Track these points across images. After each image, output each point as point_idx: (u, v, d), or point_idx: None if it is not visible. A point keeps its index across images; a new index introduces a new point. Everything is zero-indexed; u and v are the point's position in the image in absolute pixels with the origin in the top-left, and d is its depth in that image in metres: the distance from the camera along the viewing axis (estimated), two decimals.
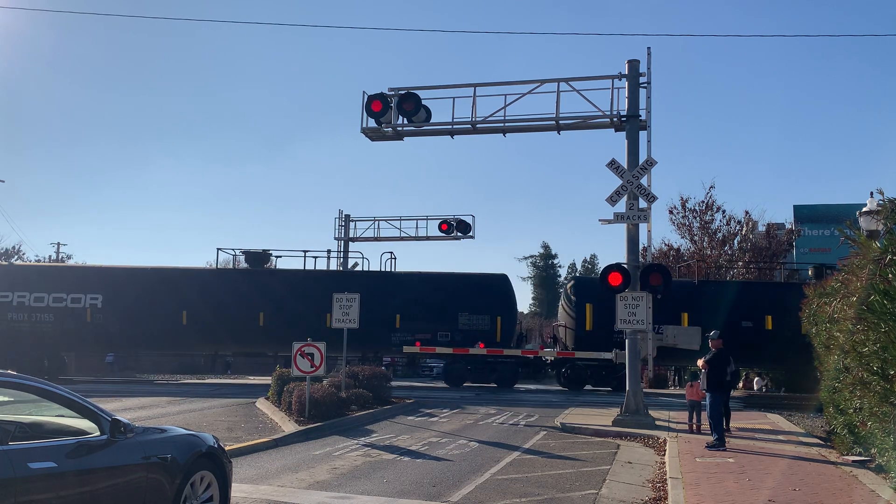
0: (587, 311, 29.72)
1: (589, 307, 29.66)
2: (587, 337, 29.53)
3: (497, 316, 31.05)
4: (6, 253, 48.99)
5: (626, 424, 16.01)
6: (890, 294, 8.07)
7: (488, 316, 31.03)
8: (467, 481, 10.06)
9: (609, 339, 26.92)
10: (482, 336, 30.51)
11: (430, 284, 32.25)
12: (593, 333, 29.17)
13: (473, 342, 30.18)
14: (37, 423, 5.73)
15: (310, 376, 15.56)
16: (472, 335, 30.63)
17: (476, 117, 18.81)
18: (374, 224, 34.92)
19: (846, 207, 37.68)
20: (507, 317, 31.65)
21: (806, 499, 8.61)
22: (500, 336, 30.92)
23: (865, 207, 13.53)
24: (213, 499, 6.63)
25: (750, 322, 28.46)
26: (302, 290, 31.14)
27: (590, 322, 29.54)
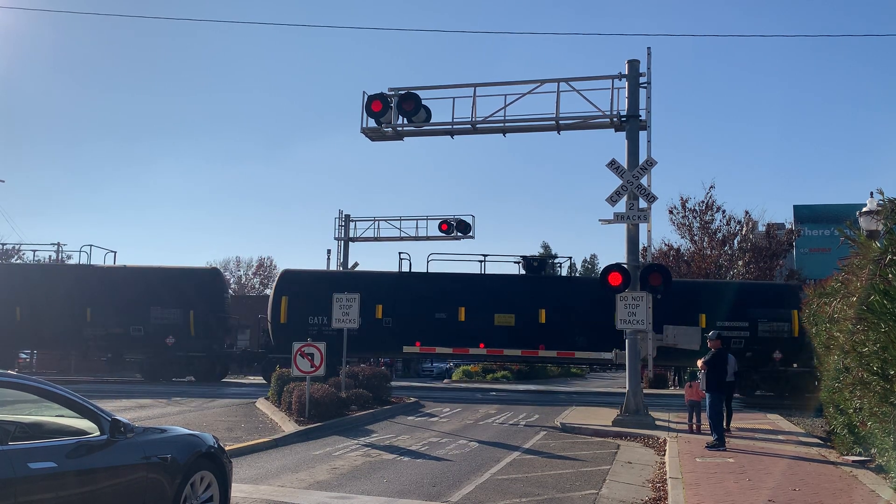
0: (283, 304, 30.14)
1: (285, 300, 30.07)
2: (282, 329, 30.00)
3: (190, 310, 31.15)
4: (6, 253, 48.97)
5: (626, 424, 16.02)
6: (890, 294, 8.07)
7: (180, 310, 31.24)
8: (467, 481, 10.06)
9: (304, 331, 27.24)
10: (173, 330, 31.01)
11: (128, 278, 32.59)
12: (288, 326, 29.61)
13: (165, 336, 30.93)
14: (37, 423, 5.73)
15: (310, 376, 15.57)
16: (164, 329, 31.04)
17: (476, 117, 18.82)
18: (374, 224, 34.94)
19: (846, 207, 37.71)
20: (203, 310, 31.57)
21: (806, 499, 8.61)
22: (193, 330, 31.16)
23: (865, 207, 13.53)
24: (213, 499, 6.63)
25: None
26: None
27: (284, 315, 29.94)
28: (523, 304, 29.40)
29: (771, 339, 27.93)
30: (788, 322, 28.02)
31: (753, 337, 28.24)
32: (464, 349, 29.41)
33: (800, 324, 27.58)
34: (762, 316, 28.48)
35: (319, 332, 29.54)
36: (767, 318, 28.38)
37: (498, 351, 29.71)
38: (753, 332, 28.33)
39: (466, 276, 31.36)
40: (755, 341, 28.05)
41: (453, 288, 30.63)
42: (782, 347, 27.57)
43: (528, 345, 29.19)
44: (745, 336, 28.21)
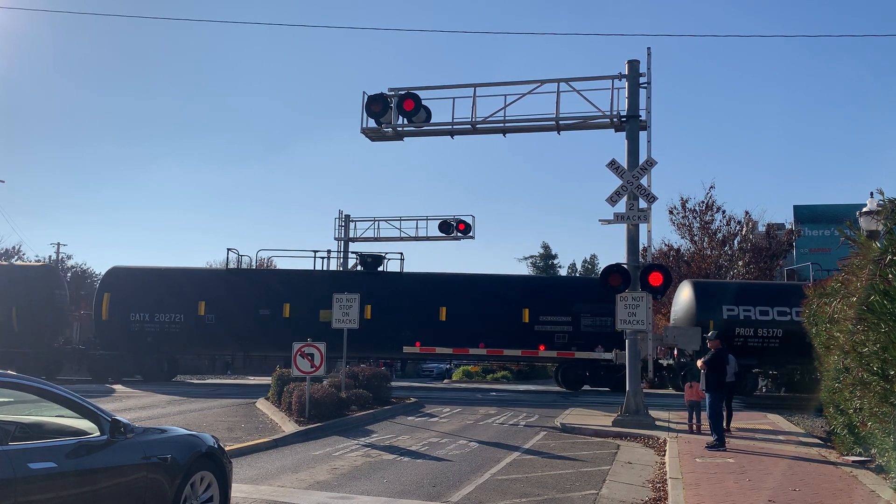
0: (104, 301, 30.06)
1: (107, 297, 29.95)
2: (103, 326, 29.86)
3: (13, 306, 30.58)
4: (6, 253, 48.99)
5: (626, 425, 16.01)
6: (890, 294, 8.07)
7: (2, 306, 30.81)
8: (467, 481, 10.06)
9: (125, 329, 27.25)
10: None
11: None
12: (109, 323, 29.51)
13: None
14: (37, 423, 5.73)
15: (310, 376, 15.57)
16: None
17: (476, 117, 18.82)
18: (374, 224, 34.93)
19: (846, 207, 37.70)
20: (30, 306, 30.78)
21: (806, 499, 8.61)
22: (16, 326, 30.66)
23: (865, 207, 13.54)
24: (213, 499, 6.63)
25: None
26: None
27: (105, 312, 29.88)
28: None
29: (594, 334, 28.64)
30: (611, 316, 28.79)
31: (577, 331, 28.94)
32: (283, 351, 28.78)
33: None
34: (586, 311, 29.12)
35: (141, 329, 29.69)
36: (591, 313, 29.00)
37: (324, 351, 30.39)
38: (577, 327, 28.98)
39: (293, 272, 31.50)
40: (579, 335, 28.79)
41: (278, 284, 30.76)
42: (605, 341, 28.19)
43: (355, 342, 29.67)
44: (567, 331, 28.94)
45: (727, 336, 29.04)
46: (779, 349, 29.06)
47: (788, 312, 29.05)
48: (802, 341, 28.13)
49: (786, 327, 28.91)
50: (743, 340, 29.25)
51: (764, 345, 29.20)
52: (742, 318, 29.63)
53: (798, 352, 27.78)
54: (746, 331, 29.43)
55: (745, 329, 29.45)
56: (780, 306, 29.36)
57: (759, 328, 29.40)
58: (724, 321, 29.24)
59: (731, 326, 29.25)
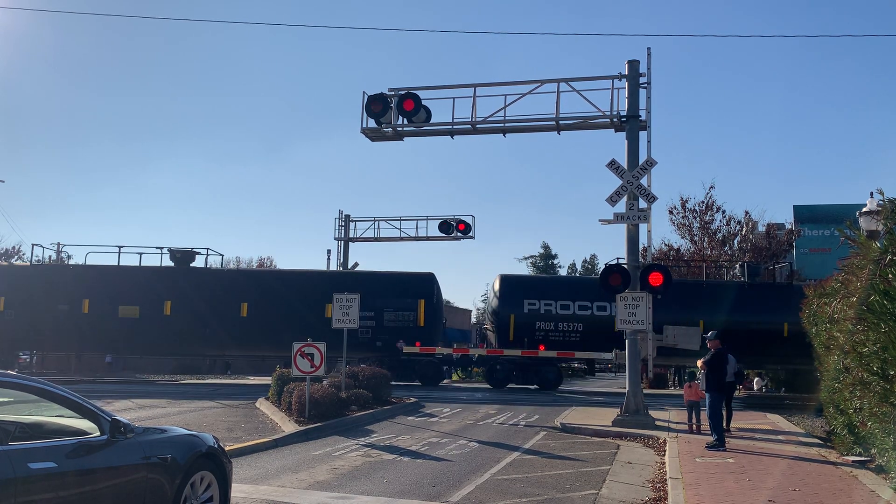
0: None
1: None
2: None
3: None
4: (6, 253, 48.99)
5: (626, 425, 16.01)
6: (890, 294, 8.07)
7: None
8: (467, 481, 10.06)
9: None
10: None
11: None
12: None
13: None
14: (37, 423, 5.73)
15: (310, 376, 15.57)
16: None
17: (476, 117, 18.82)
18: (374, 224, 34.97)
19: (846, 207, 37.65)
20: None
21: (806, 499, 8.61)
22: None
23: (865, 207, 13.53)
24: (213, 499, 6.63)
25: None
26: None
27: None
28: (149, 297, 29.78)
29: (396, 329, 28.91)
30: (414, 312, 29.12)
31: (380, 327, 29.15)
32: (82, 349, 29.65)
33: (425, 314, 29.40)
34: (388, 306, 29.39)
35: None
36: (393, 308, 29.32)
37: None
38: (380, 322, 29.15)
39: (94, 267, 31.60)
40: (382, 331, 29.01)
41: (76, 280, 30.78)
42: (407, 336, 28.57)
43: (147, 339, 29.97)
44: (371, 326, 29.11)
45: (528, 329, 29.48)
46: (579, 343, 29.51)
47: (589, 307, 29.75)
48: (602, 334, 29.13)
49: (586, 321, 29.52)
50: (544, 334, 29.78)
51: (564, 338, 29.66)
52: (543, 312, 30.09)
53: (597, 345, 29.06)
54: (547, 325, 29.94)
55: (546, 323, 29.95)
56: (581, 300, 29.89)
57: (559, 322, 29.84)
58: (525, 315, 29.82)
59: (532, 320, 29.85)
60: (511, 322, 29.83)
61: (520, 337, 29.53)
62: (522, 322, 29.70)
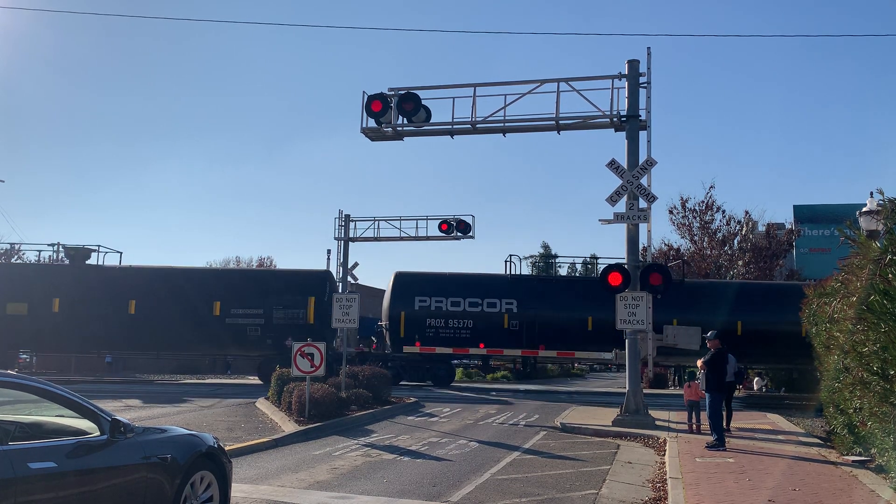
0: None
1: None
2: None
3: None
4: (6, 253, 48.93)
5: (626, 424, 16.00)
6: (890, 294, 8.07)
7: None
8: (467, 481, 10.06)
9: None
10: None
11: None
12: None
13: None
14: (37, 423, 5.72)
15: (310, 376, 15.57)
16: None
17: (476, 117, 18.80)
18: (374, 224, 34.86)
19: (846, 207, 37.71)
20: None
21: (806, 499, 8.60)
22: None
23: (865, 207, 13.53)
24: (213, 499, 6.62)
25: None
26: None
27: None
28: (38, 294, 29.74)
29: (286, 326, 28.95)
30: (303, 309, 29.33)
31: (269, 324, 29.29)
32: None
33: (315, 311, 29.54)
34: (277, 304, 29.48)
35: None
36: (283, 306, 29.39)
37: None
38: (269, 320, 29.33)
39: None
40: (271, 329, 29.13)
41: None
42: (296, 334, 28.18)
43: (34, 335, 29.97)
44: (260, 324, 29.27)
45: (419, 326, 29.58)
46: (470, 339, 29.68)
47: (480, 303, 29.94)
48: (492, 330, 29.23)
49: (476, 317, 29.76)
50: (435, 331, 29.93)
51: (455, 335, 29.83)
52: (434, 309, 30.26)
53: (490, 341, 29.51)
54: (438, 321, 30.13)
55: (437, 320, 30.15)
56: (472, 297, 30.10)
57: (450, 319, 30.05)
58: (416, 311, 30.04)
59: (423, 317, 30.07)
60: (402, 319, 30.06)
61: (411, 334, 29.74)
62: (413, 319, 29.94)
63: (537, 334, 29.34)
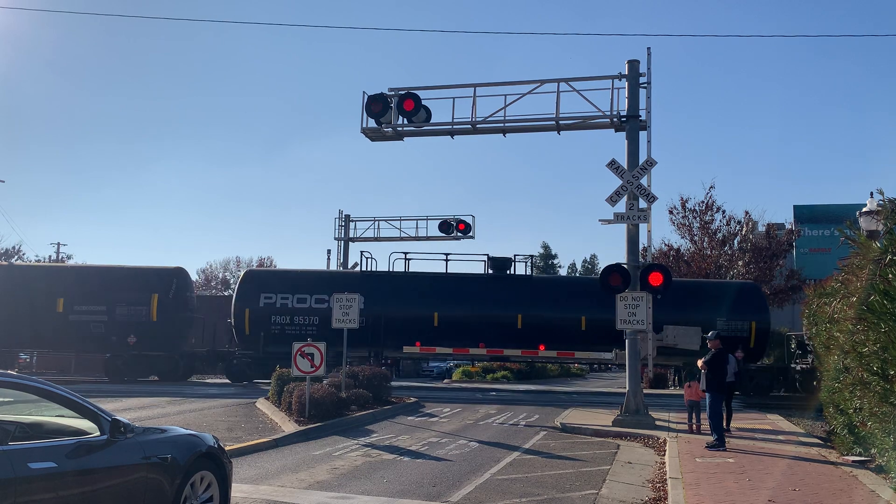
0: None
1: None
2: None
3: None
4: (6, 253, 48.99)
5: (626, 424, 16.00)
6: (890, 294, 8.07)
7: None
8: (467, 481, 10.06)
9: None
10: None
11: None
12: None
13: None
14: (37, 423, 5.72)
15: (310, 376, 15.57)
16: None
17: (476, 117, 18.81)
18: (374, 224, 34.98)
19: (846, 207, 37.69)
20: None
21: (806, 499, 8.61)
22: None
23: (865, 207, 13.54)
24: (213, 499, 6.63)
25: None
26: None
27: None
28: None
29: (128, 324, 28.99)
30: (147, 306, 29.41)
31: (113, 321, 29.26)
32: None
33: (158, 309, 29.42)
34: (120, 300, 29.42)
35: None
36: (126, 303, 29.36)
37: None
38: (112, 317, 29.29)
39: None
40: (115, 326, 29.12)
41: None
42: (139, 331, 28.74)
43: None
44: (103, 321, 29.26)
45: (264, 323, 29.61)
46: (317, 336, 29.75)
47: (326, 300, 29.61)
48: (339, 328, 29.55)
49: (322, 314, 29.48)
50: (280, 328, 29.85)
51: (301, 332, 29.48)
52: (279, 306, 30.18)
53: (335, 338, 29.33)
54: (283, 318, 30.00)
55: (282, 317, 30.02)
56: (319, 294, 29.96)
57: (295, 316, 29.95)
58: (261, 309, 29.94)
59: (269, 314, 29.95)
60: (246, 316, 29.94)
61: (255, 331, 29.61)
62: (258, 316, 29.81)
63: (382, 331, 29.24)
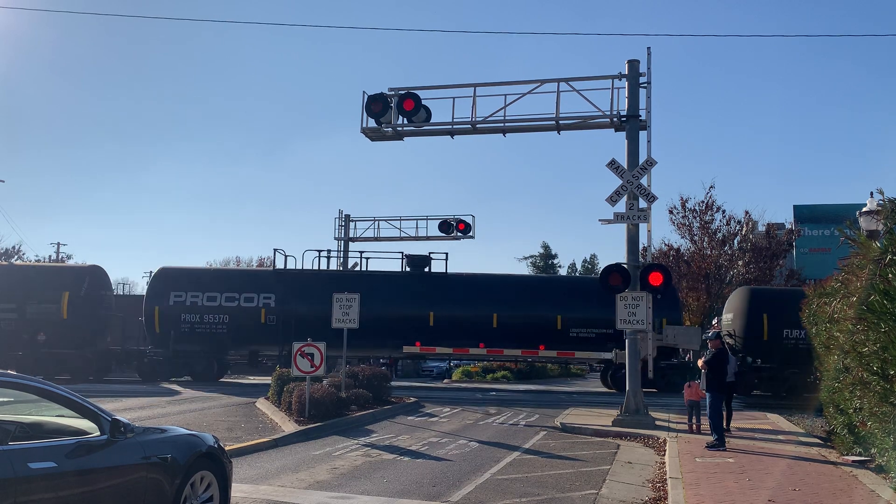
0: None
1: None
2: None
3: None
4: (6, 253, 48.98)
5: (626, 424, 16.00)
6: (890, 294, 8.07)
7: None
8: (467, 481, 10.06)
9: None
10: None
11: None
12: None
13: None
14: (37, 423, 5.72)
15: (310, 376, 15.57)
16: None
17: (476, 117, 18.80)
18: (374, 224, 34.94)
19: (846, 207, 37.69)
20: None
21: (806, 499, 8.61)
22: None
23: (865, 207, 13.54)
24: (213, 499, 6.63)
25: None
26: None
27: None
28: None
29: (39, 322, 29.06)
30: (57, 304, 29.49)
31: (22, 319, 29.26)
32: None
33: (69, 306, 29.38)
34: (32, 298, 29.46)
35: None
36: (37, 301, 29.42)
37: None
38: (22, 315, 29.35)
39: None
40: (25, 324, 29.13)
41: None
42: (49, 329, 28.83)
43: None
44: (14, 318, 29.28)
45: (174, 321, 29.57)
46: (226, 334, 29.74)
47: (237, 298, 29.84)
48: (250, 326, 29.22)
49: (233, 313, 29.67)
50: (190, 326, 29.80)
51: (211, 330, 29.75)
52: (189, 304, 30.08)
53: (247, 337, 29.48)
54: (193, 317, 29.93)
55: (192, 315, 29.95)
56: (229, 292, 30.00)
57: (206, 314, 29.88)
58: (171, 307, 29.89)
59: (179, 313, 29.89)
60: (156, 314, 29.88)
61: (166, 329, 29.54)
62: (168, 314, 29.74)
63: (293, 329, 28.71)
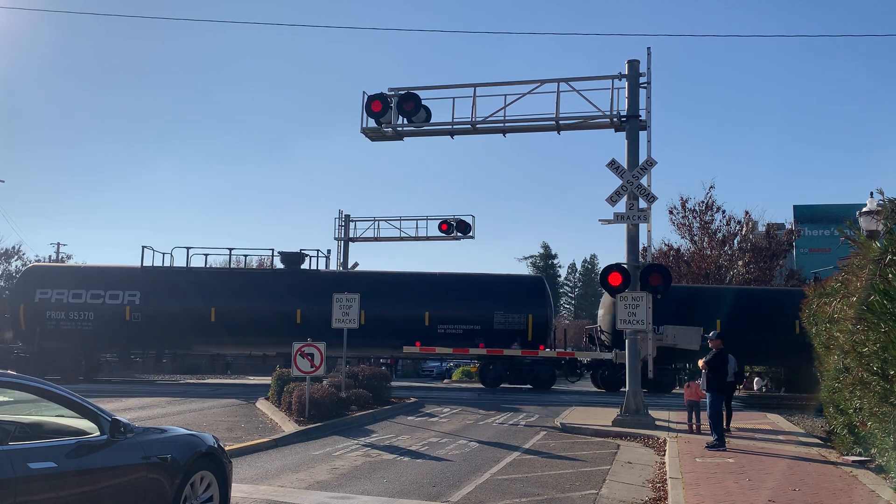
0: None
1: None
2: None
3: None
4: (6, 253, 48.98)
5: (626, 424, 16.00)
6: (890, 294, 8.07)
7: None
8: (467, 481, 10.05)
9: None
10: None
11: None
12: None
13: None
14: (37, 423, 5.72)
15: (310, 376, 15.57)
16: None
17: (476, 117, 18.79)
18: (374, 224, 34.91)
19: (846, 207, 37.68)
20: None
21: (806, 499, 8.60)
22: None
23: (865, 207, 13.54)
24: (213, 499, 6.62)
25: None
26: None
27: None
28: None
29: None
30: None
31: None
32: None
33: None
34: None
35: None
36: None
37: None
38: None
39: None
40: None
41: None
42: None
43: None
44: None
45: (39, 318, 29.67)
46: (91, 332, 29.79)
47: (102, 295, 29.88)
48: (115, 324, 29.13)
49: (97, 310, 29.69)
50: (56, 323, 29.82)
51: (77, 327, 29.74)
52: (54, 301, 30.06)
53: (111, 336, 29.49)
54: (58, 314, 29.92)
55: (58, 312, 29.93)
56: (94, 289, 30.00)
57: (70, 311, 29.88)
58: (37, 304, 29.93)
59: (44, 309, 29.91)
60: (21, 311, 29.99)
61: (32, 326, 29.69)
62: (33, 311, 29.84)
63: (160, 327, 29.21)
